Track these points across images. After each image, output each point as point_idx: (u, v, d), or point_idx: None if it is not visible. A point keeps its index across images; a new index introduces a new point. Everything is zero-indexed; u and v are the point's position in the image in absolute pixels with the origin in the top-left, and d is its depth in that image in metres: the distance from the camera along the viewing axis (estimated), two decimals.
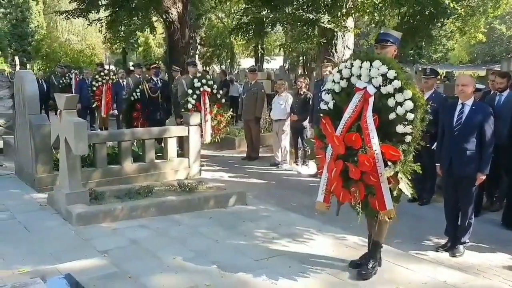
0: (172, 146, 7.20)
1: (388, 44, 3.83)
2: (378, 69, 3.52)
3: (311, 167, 8.38)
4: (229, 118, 8.95)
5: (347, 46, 8.93)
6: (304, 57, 25.59)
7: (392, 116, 3.50)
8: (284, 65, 27.24)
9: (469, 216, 4.61)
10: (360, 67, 3.64)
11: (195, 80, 8.26)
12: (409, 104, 3.44)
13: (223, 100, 8.82)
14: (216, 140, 8.78)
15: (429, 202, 6.31)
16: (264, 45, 27.01)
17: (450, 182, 4.73)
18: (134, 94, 8.89)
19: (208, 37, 29.95)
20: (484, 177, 4.51)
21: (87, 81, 11.88)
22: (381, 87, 3.52)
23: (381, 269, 4.00)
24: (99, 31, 16.27)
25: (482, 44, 26.08)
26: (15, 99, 7.38)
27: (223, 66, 32.39)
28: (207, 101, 8.22)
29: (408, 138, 3.50)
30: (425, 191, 6.36)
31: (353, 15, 8.87)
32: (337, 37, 8.77)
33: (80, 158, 5.49)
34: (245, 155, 9.28)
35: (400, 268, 4.06)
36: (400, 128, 3.47)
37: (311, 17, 8.27)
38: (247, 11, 9.98)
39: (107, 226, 4.93)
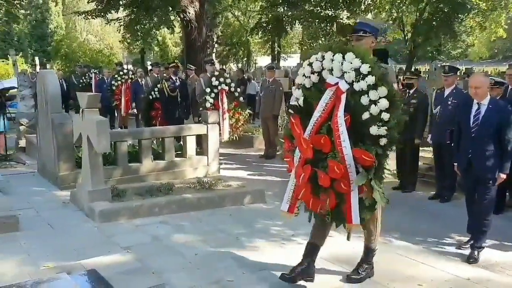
0: (191, 144, 7.24)
1: (365, 35, 3.49)
2: (351, 63, 3.15)
3: None
4: (246, 116, 8.97)
5: None
6: None
7: (365, 116, 3.13)
8: (302, 62, 27.11)
9: (487, 216, 4.41)
10: (332, 59, 3.24)
11: (213, 79, 8.30)
12: (383, 103, 3.08)
13: (241, 98, 8.84)
14: (234, 138, 8.81)
15: (450, 200, 6.24)
16: (281, 43, 26.96)
17: (469, 182, 4.61)
18: (152, 93, 8.96)
19: (225, 36, 30.02)
20: (504, 177, 4.36)
21: (106, 80, 12.02)
22: (354, 83, 3.15)
23: (403, 266, 3.97)
24: (117, 30, 16.45)
25: (503, 40, 25.60)
26: (37, 98, 7.51)
27: (240, 65, 32.42)
28: (225, 99, 8.25)
29: (383, 141, 3.12)
30: (446, 189, 6.29)
31: (371, 11, 8.80)
32: None
33: (102, 156, 5.56)
34: (263, 153, 9.29)
35: (422, 265, 4.03)
36: (374, 130, 3.09)
37: (329, 14, 8.24)
38: (265, 9, 9.98)
39: (129, 223, 4.99)
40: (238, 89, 8.83)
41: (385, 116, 3.08)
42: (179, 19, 14.62)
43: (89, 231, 4.77)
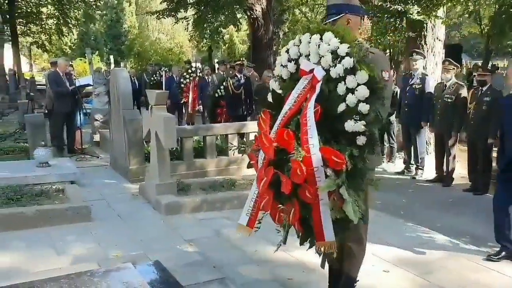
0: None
1: (338, 17, 2.89)
2: (328, 44, 2.58)
3: (397, 164, 8.11)
4: None
5: (437, 38, 8.46)
6: (391, 50, 24.71)
7: (341, 107, 2.50)
8: None
9: None
10: (309, 42, 2.69)
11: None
12: (362, 91, 2.44)
13: None
14: None
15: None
16: None
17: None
18: (218, 90, 9.11)
19: (292, 32, 29.94)
20: None
21: (175, 78, 12.39)
22: (331, 69, 2.56)
23: (471, 272, 3.77)
24: (185, 29, 16.90)
25: None
26: (110, 95, 7.89)
27: None
28: None
29: (361, 140, 2.45)
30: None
31: (444, 5, 8.40)
32: (426, 28, 8.35)
33: (169, 152, 5.74)
34: None
35: (493, 271, 3.80)
36: (349, 125, 2.44)
37: (399, 9, 7.95)
38: None
39: (192, 216, 5.12)
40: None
41: (364, 108, 2.44)
42: (246, 17, 14.79)
43: (155, 223, 4.94)
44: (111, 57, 24.25)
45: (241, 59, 13.12)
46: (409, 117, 7.35)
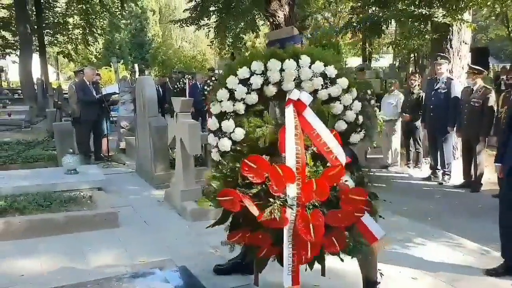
0: None
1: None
2: (309, 68, 2.62)
3: (423, 170, 7.99)
4: None
5: (463, 41, 8.33)
6: (416, 54, 24.45)
7: (341, 126, 2.69)
8: (394, 63, 26.22)
9: None
10: (282, 69, 2.63)
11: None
12: (357, 106, 2.68)
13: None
14: None
15: None
16: (372, 44, 26.30)
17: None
18: None
19: (314, 38, 29.90)
20: None
21: (199, 85, 12.50)
22: (318, 91, 2.64)
23: (495, 277, 3.68)
24: (206, 36, 17.06)
25: None
26: (136, 103, 8.01)
27: None
28: None
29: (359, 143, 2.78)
30: None
31: (470, 8, 8.26)
32: (452, 32, 8.23)
33: (194, 158, 5.79)
34: None
35: None
36: (356, 138, 2.72)
37: (423, 12, 7.86)
38: (355, 9, 9.78)
39: None
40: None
41: (361, 118, 2.70)
42: (268, 23, 14.83)
43: (181, 229, 4.98)
44: (136, 65, 24.63)
45: None
46: (435, 122, 7.24)
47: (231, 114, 2.67)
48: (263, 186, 2.40)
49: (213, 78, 11.70)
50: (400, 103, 8.13)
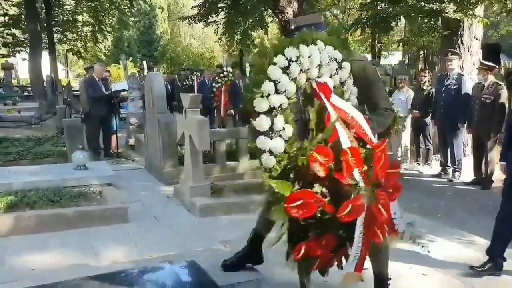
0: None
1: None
2: (327, 53, 2.58)
3: (433, 167, 7.94)
4: None
5: (474, 37, 8.25)
6: (425, 51, 24.29)
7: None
8: (404, 60, 26.07)
9: None
10: (309, 55, 2.51)
11: None
12: (355, 90, 2.77)
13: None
14: None
15: None
16: (381, 41, 26.17)
17: None
18: None
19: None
20: None
21: (207, 82, 12.52)
22: (334, 76, 2.66)
23: (505, 274, 3.64)
24: (215, 32, 17.04)
25: None
26: (145, 99, 8.03)
27: None
28: None
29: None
30: None
31: (481, 3, 8.17)
32: (463, 27, 8.15)
33: (202, 154, 5.79)
34: None
35: None
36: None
37: (434, 8, 7.79)
38: (364, 6, 9.72)
39: (226, 218, 5.15)
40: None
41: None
42: (277, 20, 14.78)
43: (190, 224, 4.99)
44: (144, 63, 24.69)
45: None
46: (445, 118, 7.19)
47: (278, 109, 2.43)
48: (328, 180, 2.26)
49: (221, 75, 11.70)
50: (410, 99, 8.08)
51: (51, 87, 18.49)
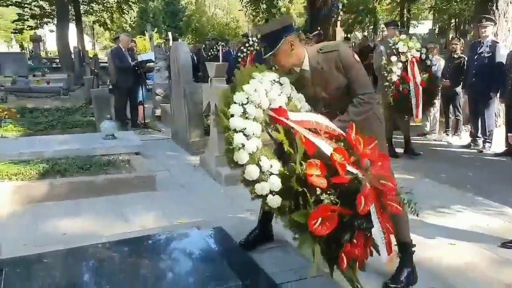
0: None
1: (280, 44, 2.69)
2: (268, 80, 2.66)
3: (463, 137, 7.77)
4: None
5: (510, 2, 7.90)
6: (457, 19, 23.47)
7: None
8: (434, 28, 25.28)
9: None
10: (255, 90, 2.61)
11: (400, 44, 6.36)
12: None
13: (433, 68, 6.97)
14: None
15: None
16: (410, 9, 25.39)
17: None
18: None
19: (350, 3, 29.11)
20: None
21: (232, 52, 12.42)
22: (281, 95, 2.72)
23: None
24: (240, 1, 16.80)
25: None
26: (171, 69, 8.04)
27: (366, 33, 31.31)
28: (416, 70, 6.29)
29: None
30: None
31: None
32: None
33: None
34: None
35: None
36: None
37: None
38: None
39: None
40: (430, 56, 6.74)
41: None
42: None
43: (216, 192, 5.05)
44: (170, 34, 24.63)
45: (318, 28, 12.75)
46: (477, 87, 6.97)
47: (257, 152, 2.51)
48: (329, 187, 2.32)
49: (246, 45, 11.59)
50: (440, 68, 7.84)
51: (79, 58, 18.70)
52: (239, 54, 11.68)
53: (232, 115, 2.51)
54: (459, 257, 3.48)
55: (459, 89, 7.57)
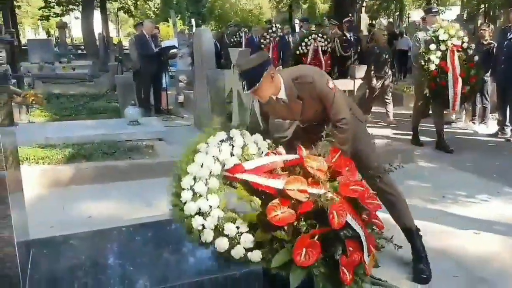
0: None
1: (263, 78, 2.67)
2: (213, 144, 2.74)
3: (490, 126, 7.60)
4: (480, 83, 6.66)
5: None
6: (486, 4, 22.83)
7: None
8: (462, 14, 24.66)
9: None
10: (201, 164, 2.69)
11: (441, 31, 5.98)
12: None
13: (476, 58, 6.51)
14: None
15: None
16: None
17: None
18: (299, 48, 8.87)
19: None
20: None
21: (255, 39, 12.35)
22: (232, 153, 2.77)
23: None
24: None
25: None
26: (194, 56, 8.05)
27: (391, 19, 30.75)
28: (456, 59, 5.90)
29: None
30: None
31: None
32: None
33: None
34: (412, 112, 8.77)
35: None
36: None
37: None
38: None
39: None
40: (473, 45, 6.49)
41: None
42: None
43: None
44: (193, 20, 24.66)
45: (349, 15, 12.55)
46: (506, 74, 6.78)
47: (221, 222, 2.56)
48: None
49: (270, 31, 11.50)
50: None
51: (103, 45, 18.89)
52: (262, 40, 11.59)
53: (185, 202, 2.55)
54: (483, 246, 3.44)
55: (486, 76, 7.38)
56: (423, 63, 6.01)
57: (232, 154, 2.66)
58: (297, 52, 8.92)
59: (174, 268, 2.52)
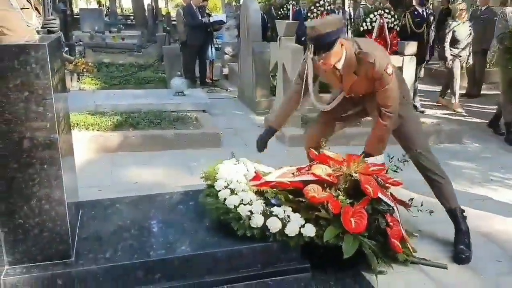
0: None
1: (335, 45, 2.60)
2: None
3: None
4: None
5: None
6: None
7: None
8: None
9: None
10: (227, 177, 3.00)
11: None
12: None
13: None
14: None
15: None
16: None
17: None
18: (364, 24, 8.50)
19: None
20: None
21: (303, 11, 12.15)
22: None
23: None
24: None
25: None
26: (240, 28, 8.03)
27: None
28: None
29: None
30: None
31: None
32: None
33: None
34: (464, 91, 8.46)
35: None
36: None
37: None
38: None
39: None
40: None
41: None
42: None
43: (280, 153, 5.08)
44: None
45: None
46: None
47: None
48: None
49: (317, 4, 11.26)
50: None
51: (152, 16, 19.10)
52: (309, 14, 11.39)
53: (225, 199, 2.65)
54: None
55: None
56: (508, 44, 5.46)
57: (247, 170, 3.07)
58: (361, 28, 8.56)
59: (215, 235, 2.59)
